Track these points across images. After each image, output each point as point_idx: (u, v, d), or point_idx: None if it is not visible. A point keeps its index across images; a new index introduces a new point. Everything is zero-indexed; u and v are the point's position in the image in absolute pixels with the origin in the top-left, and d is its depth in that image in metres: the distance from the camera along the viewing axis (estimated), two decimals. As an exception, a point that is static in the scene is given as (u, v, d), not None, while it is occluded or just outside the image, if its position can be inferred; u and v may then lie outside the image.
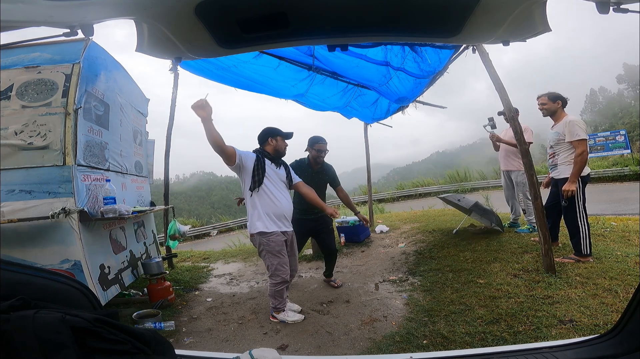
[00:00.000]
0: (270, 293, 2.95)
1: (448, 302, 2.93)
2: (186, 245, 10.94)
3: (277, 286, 2.90)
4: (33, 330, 0.55)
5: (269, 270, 2.88)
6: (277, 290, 2.91)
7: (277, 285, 2.89)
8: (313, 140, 3.56)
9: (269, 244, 2.80)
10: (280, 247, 2.84)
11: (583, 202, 3.34)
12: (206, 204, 64.47)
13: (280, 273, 2.85)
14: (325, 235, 3.69)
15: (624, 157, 14.65)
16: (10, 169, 2.71)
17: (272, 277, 2.88)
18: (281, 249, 2.85)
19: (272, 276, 2.88)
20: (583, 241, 3.33)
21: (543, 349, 1.05)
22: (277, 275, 2.86)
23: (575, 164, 3.26)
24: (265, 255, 2.85)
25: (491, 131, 4.60)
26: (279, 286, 2.90)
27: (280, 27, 1.15)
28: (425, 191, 17.60)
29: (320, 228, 3.65)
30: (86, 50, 2.99)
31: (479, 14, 1.08)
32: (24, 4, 0.82)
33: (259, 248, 2.89)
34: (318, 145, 3.53)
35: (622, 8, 0.96)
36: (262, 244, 2.82)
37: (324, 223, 3.66)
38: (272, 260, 2.83)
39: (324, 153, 3.56)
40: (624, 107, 40.74)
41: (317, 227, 3.64)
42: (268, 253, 2.83)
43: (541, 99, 3.58)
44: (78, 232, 2.73)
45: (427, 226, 6.12)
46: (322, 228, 3.66)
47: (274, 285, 2.90)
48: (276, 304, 2.96)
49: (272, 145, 2.94)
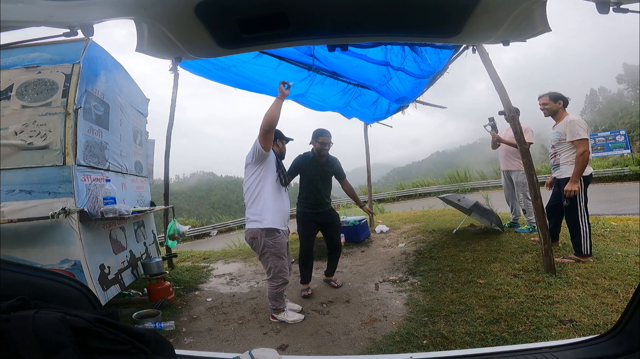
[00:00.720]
0: (270, 295, 2.94)
1: (448, 302, 2.93)
2: (186, 245, 10.95)
3: (279, 288, 2.91)
4: (33, 330, 0.55)
5: (271, 273, 2.86)
6: (278, 292, 2.92)
7: (279, 287, 2.91)
8: (317, 132, 3.51)
9: (274, 246, 2.79)
10: (284, 249, 2.88)
11: (585, 202, 3.34)
12: (206, 204, 64.49)
13: (282, 275, 2.86)
14: (333, 230, 3.69)
15: (624, 157, 14.66)
16: (10, 169, 2.71)
17: (274, 279, 2.87)
18: (285, 251, 2.89)
19: (273, 279, 2.87)
20: (583, 241, 3.33)
21: (543, 349, 1.05)
22: (279, 277, 2.86)
23: (577, 164, 3.26)
24: (269, 257, 2.81)
25: (491, 131, 4.60)
26: (281, 287, 2.92)
27: (280, 27, 1.15)
28: (425, 191, 17.61)
29: (329, 221, 3.65)
30: (86, 50, 2.99)
31: (479, 14, 1.08)
32: (24, 4, 0.82)
33: (261, 250, 2.81)
34: (322, 137, 3.47)
35: (622, 8, 0.96)
36: (266, 246, 2.78)
37: (333, 217, 3.69)
38: (275, 262, 2.82)
39: (328, 146, 3.50)
40: (624, 107, 40.74)
41: (327, 221, 3.63)
42: (272, 255, 2.80)
43: (542, 99, 3.58)
44: (78, 232, 2.73)
45: (427, 226, 6.12)
46: (331, 221, 3.66)
47: (275, 287, 2.89)
48: (277, 305, 2.97)
49: (278, 147, 3.02)
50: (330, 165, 3.64)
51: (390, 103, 5.39)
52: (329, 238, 3.72)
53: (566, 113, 3.51)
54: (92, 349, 0.58)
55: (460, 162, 64.38)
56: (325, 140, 3.48)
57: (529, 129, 4.13)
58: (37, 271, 0.80)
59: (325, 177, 3.60)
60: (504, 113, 3.60)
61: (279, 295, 2.94)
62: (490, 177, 17.79)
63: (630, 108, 38.47)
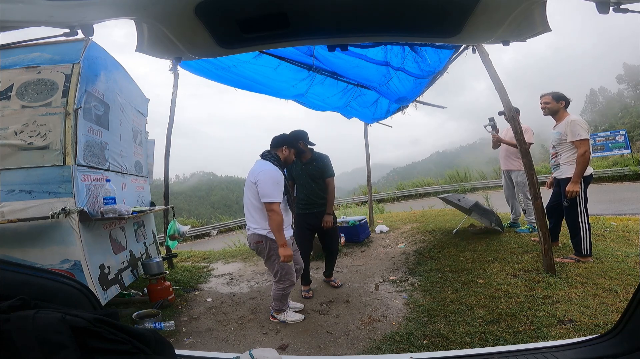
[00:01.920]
0: (275, 296, 2.93)
1: (448, 302, 2.93)
2: (186, 245, 10.94)
3: (286, 290, 2.91)
4: (33, 330, 0.55)
5: (277, 275, 2.84)
6: (284, 293, 2.92)
7: (286, 289, 2.90)
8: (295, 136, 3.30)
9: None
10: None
11: (585, 202, 3.34)
12: (206, 204, 64.48)
13: (289, 277, 2.86)
14: (329, 238, 3.63)
15: (624, 157, 14.64)
16: (10, 169, 2.71)
17: (281, 281, 2.86)
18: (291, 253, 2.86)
19: (280, 280, 2.86)
20: (583, 241, 3.33)
21: (543, 349, 1.05)
22: (286, 279, 2.86)
23: (578, 164, 3.26)
24: (275, 260, 2.79)
25: (491, 131, 4.60)
26: (288, 289, 2.91)
27: (280, 27, 1.15)
28: (425, 191, 17.58)
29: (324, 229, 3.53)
30: (86, 50, 2.99)
31: (479, 14, 1.08)
32: (24, 4, 0.82)
33: (267, 253, 2.79)
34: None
35: (622, 8, 0.96)
36: (272, 249, 2.76)
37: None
38: (282, 264, 2.79)
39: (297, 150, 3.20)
40: (624, 107, 40.72)
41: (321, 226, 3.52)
42: (279, 258, 2.76)
43: (545, 98, 3.57)
44: (78, 232, 2.73)
45: (427, 226, 6.12)
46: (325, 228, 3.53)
47: (282, 289, 2.89)
48: (280, 306, 2.98)
49: (284, 154, 2.92)
50: (315, 164, 3.52)
51: (390, 103, 5.38)
52: (324, 246, 3.70)
53: (567, 114, 3.51)
54: (92, 349, 0.58)
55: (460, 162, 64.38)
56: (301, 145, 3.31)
57: (529, 129, 4.13)
58: (37, 271, 0.80)
59: (314, 176, 3.49)
60: (504, 113, 3.59)
61: (285, 296, 2.94)
62: (490, 176, 17.77)
63: (630, 108, 38.46)
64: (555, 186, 3.71)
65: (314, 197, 3.50)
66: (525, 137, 3.52)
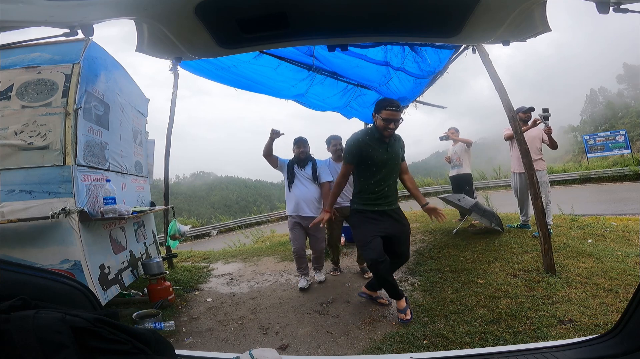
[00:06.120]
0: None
1: (448, 302, 2.93)
2: (186, 245, 10.94)
3: (293, 255, 3.81)
4: (33, 330, 0.55)
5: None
6: (294, 257, 3.81)
7: (293, 253, 3.80)
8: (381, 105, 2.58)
9: (289, 224, 3.80)
10: (291, 226, 3.76)
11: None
12: (206, 204, 64.50)
13: (292, 244, 3.82)
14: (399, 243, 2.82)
15: (624, 157, 14.64)
16: (10, 169, 2.71)
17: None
18: (292, 228, 3.75)
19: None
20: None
21: (543, 349, 1.05)
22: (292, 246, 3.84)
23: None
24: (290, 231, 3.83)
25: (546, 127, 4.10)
26: (293, 254, 3.80)
27: (280, 27, 1.15)
28: (425, 192, 17.55)
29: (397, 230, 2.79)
30: (86, 50, 2.98)
31: (479, 14, 1.08)
32: (24, 4, 0.82)
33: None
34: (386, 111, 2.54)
35: (622, 8, 0.96)
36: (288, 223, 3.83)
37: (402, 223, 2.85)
38: (290, 235, 3.84)
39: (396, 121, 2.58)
40: (624, 107, 40.70)
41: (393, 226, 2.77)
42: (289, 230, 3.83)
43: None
44: (78, 232, 2.73)
45: (427, 226, 6.12)
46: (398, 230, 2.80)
47: (293, 252, 3.81)
48: (297, 268, 3.84)
49: (295, 152, 3.78)
50: (397, 144, 2.77)
51: (390, 103, 5.38)
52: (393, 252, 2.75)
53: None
54: (93, 349, 0.58)
55: (460, 162, 64.11)
56: (392, 115, 2.54)
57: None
58: (37, 271, 0.80)
59: (396, 162, 2.75)
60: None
61: (296, 260, 3.80)
62: (490, 176, 17.77)
63: (630, 108, 38.43)
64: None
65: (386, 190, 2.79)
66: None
